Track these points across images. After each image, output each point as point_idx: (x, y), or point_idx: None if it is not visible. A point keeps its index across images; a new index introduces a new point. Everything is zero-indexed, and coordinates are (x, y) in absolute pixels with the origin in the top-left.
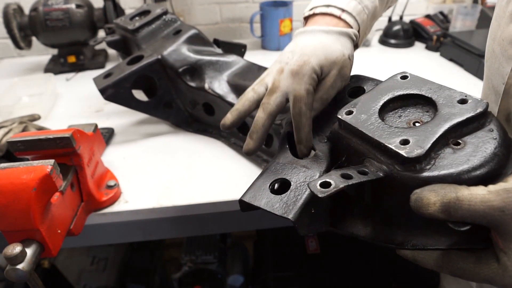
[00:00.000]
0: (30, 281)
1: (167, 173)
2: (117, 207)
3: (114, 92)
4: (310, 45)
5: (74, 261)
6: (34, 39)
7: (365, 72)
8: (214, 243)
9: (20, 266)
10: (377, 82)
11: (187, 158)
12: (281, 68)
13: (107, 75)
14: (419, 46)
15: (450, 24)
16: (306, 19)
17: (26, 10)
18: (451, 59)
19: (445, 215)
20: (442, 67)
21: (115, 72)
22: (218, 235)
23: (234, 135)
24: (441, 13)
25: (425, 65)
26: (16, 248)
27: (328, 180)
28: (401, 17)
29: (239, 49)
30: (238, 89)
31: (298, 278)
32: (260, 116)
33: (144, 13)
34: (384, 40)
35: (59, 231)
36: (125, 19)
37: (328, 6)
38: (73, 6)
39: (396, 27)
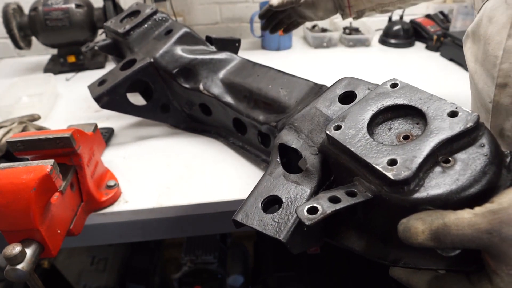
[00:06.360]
0: (30, 281)
1: (167, 173)
2: (117, 207)
3: (109, 99)
4: None
5: (74, 261)
6: (34, 39)
7: (365, 72)
8: (214, 243)
9: (19, 266)
10: (369, 85)
11: (187, 158)
12: None
13: (101, 82)
14: (419, 46)
15: (451, 24)
16: None
17: (26, 10)
18: (451, 59)
19: (435, 242)
20: (442, 67)
21: (109, 78)
22: (218, 235)
23: (233, 134)
24: (442, 13)
25: (425, 65)
26: (15, 248)
27: (315, 205)
28: (401, 17)
29: (233, 44)
30: (234, 88)
31: (298, 278)
32: None
33: (134, 13)
34: (384, 40)
35: (59, 231)
36: (116, 21)
37: None
38: (72, 6)
39: (396, 27)
